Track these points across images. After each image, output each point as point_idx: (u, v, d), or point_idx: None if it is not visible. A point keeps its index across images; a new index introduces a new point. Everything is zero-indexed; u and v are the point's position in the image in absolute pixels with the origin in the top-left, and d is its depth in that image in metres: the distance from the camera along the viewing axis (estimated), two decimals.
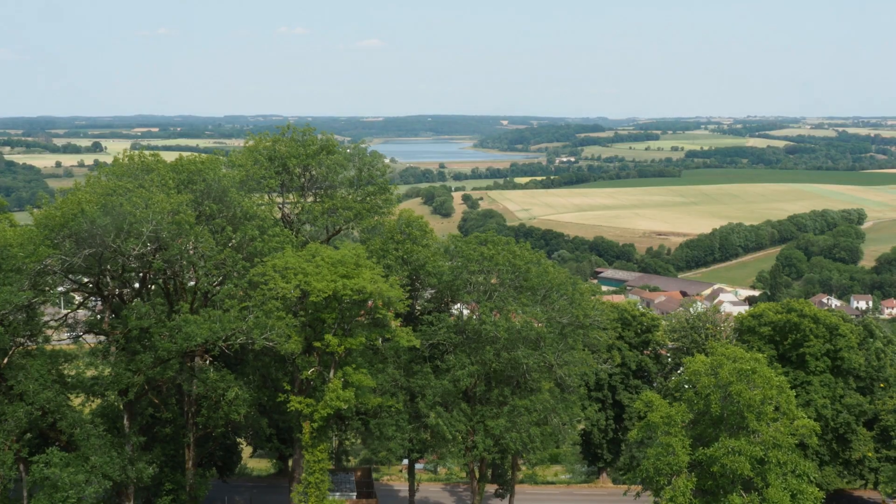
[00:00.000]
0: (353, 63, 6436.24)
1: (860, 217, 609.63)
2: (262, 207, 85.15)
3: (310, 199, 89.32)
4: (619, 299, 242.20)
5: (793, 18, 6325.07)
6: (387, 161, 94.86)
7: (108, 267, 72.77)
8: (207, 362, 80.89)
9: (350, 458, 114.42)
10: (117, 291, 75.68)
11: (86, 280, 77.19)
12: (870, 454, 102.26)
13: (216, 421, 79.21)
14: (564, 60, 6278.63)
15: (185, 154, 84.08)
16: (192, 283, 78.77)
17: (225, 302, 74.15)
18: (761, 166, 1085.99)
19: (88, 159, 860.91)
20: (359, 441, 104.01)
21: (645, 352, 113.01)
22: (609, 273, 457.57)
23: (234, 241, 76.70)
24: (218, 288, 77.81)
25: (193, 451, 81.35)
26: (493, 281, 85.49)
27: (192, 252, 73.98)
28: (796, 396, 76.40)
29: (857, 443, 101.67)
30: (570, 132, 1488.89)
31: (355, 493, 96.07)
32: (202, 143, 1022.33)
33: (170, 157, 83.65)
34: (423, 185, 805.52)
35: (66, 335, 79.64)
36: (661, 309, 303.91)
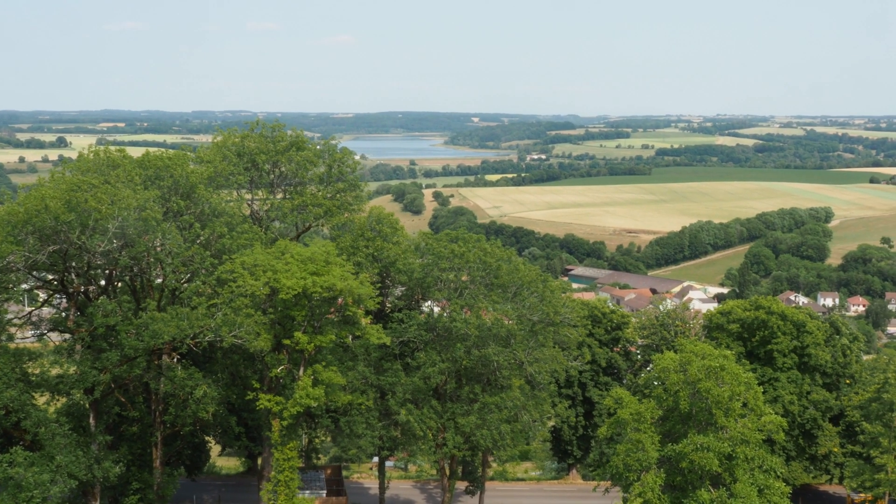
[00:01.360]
0: (324, 59, 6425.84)
1: (827, 215, 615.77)
2: (231, 204, 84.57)
3: (279, 195, 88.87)
4: (589, 297, 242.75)
5: (762, 18, 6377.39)
6: (357, 158, 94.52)
7: (73, 264, 71.98)
8: (175, 360, 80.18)
9: (320, 456, 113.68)
10: (82, 289, 74.80)
11: (50, 277, 76.32)
12: (835, 449, 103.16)
13: (184, 419, 78.55)
14: (535, 58, 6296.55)
15: (151, 150, 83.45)
16: (160, 280, 78.08)
17: (193, 299, 73.57)
18: (731, 164, 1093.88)
19: (53, 154, 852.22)
20: (329, 439, 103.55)
21: (615, 349, 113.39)
22: (579, 270, 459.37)
23: (202, 237, 76.11)
24: (185, 285, 77.19)
25: (161, 449, 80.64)
26: (463, 278, 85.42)
27: (159, 249, 73.31)
28: (764, 393, 76.99)
29: (823, 438, 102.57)
30: (541, 130, 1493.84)
31: (325, 492, 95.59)
32: (169, 138, 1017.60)
33: (136, 152, 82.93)
34: (394, 183, 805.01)
35: (30, 333, 78.67)
36: (630, 306, 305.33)
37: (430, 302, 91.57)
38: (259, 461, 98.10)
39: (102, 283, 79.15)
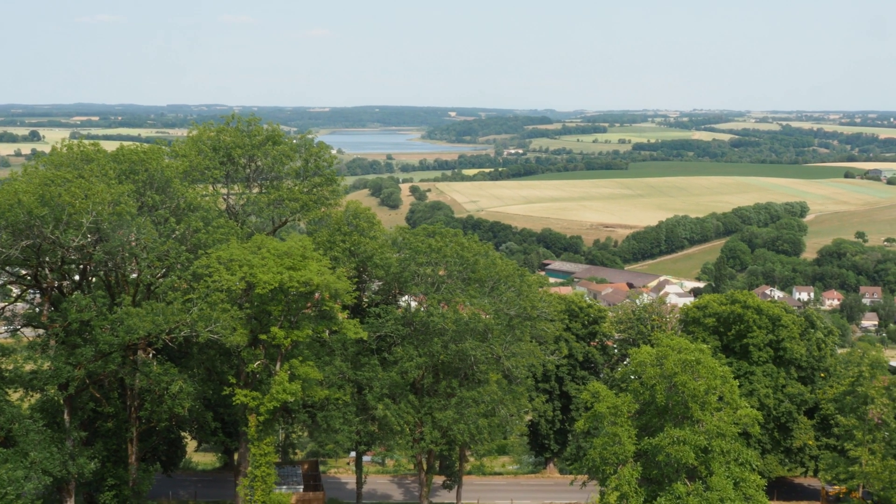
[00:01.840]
0: (300, 53, 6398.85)
1: (803, 210, 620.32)
2: (207, 198, 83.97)
3: (255, 190, 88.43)
4: (566, 291, 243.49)
5: (737, 14, 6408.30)
6: (333, 152, 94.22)
7: (47, 259, 71.37)
8: (150, 355, 79.67)
9: (297, 451, 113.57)
10: (56, 284, 74.18)
11: (23, 272, 75.71)
12: (810, 442, 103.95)
13: (160, 415, 78.13)
14: (513, 52, 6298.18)
15: (126, 143, 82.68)
16: (134, 275, 77.53)
17: (168, 294, 73.13)
18: (707, 159, 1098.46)
19: (25, 148, 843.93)
20: (305, 434, 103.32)
21: (592, 343, 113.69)
22: (556, 265, 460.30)
23: (177, 232, 75.62)
24: (161, 280, 76.66)
25: (136, 445, 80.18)
26: (440, 273, 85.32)
27: (133, 244, 72.76)
28: (739, 386, 77.32)
29: (798, 431, 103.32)
30: (519, 124, 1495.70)
31: (302, 487, 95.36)
32: (144, 132, 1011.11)
33: (110, 146, 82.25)
34: (371, 177, 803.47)
35: (3, 328, 77.93)
36: (607, 300, 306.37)
37: (407, 296, 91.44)
38: (235, 456, 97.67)
39: (76, 278, 78.56)
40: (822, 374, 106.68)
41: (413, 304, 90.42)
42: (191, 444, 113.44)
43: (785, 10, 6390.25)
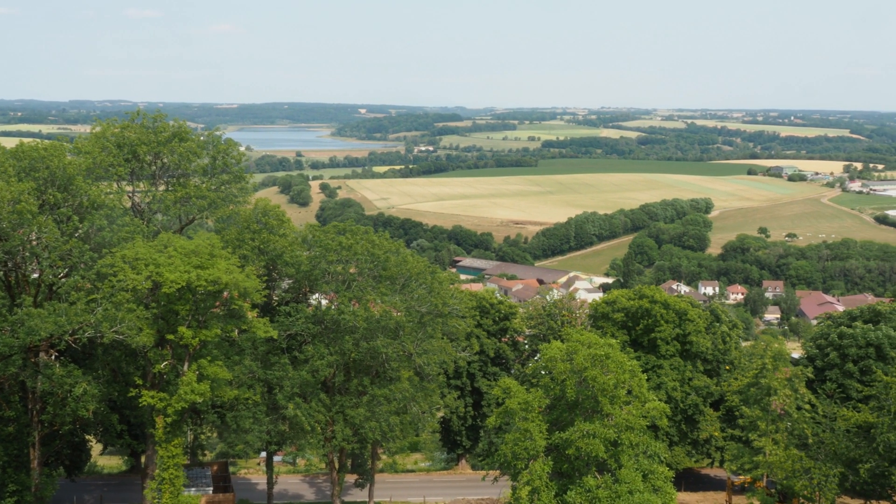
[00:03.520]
0: (207, 48, 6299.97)
1: (708, 206, 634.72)
2: (111, 196, 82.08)
3: (161, 187, 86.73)
4: (477, 287, 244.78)
5: (641, 10, 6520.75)
6: (242, 149, 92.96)
7: None
8: (53, 357, 77.72)
9: (206, 452, 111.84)
10: None
11: None
12: (716, 434, 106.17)
13: (63, 418, 76.24)
14: (422, 48, 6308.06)
15: (26, 140, 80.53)
16: (36, 274, 75.48)
17: (71, 294, 71.42)
18: (615, 156, 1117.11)
19: None
20: (215, 435, 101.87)
21: (503, 339, 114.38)
22: (467, 262, 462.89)
23: (80, 231, 73.92)
24: (63, 280, 74.77)
25: (39, 450, 78.13)
26: (351, 270, 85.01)
27: (34, 243, 70.90)
28: (648, 380, 78.69)
29: (705, 423, 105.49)
30: (429, 121, 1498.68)
31: (211, 488, 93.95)
32: (45, 128, 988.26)
33: (10, 143, 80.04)
34: (280, 174, 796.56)
35: None
36: (518, 297, 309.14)
37: (317, 294, 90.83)
38: (143, 459, 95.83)
39: None
40: (727, 367, 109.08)
41: (324, 302, 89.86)
42: (96, 448, 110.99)
43: (687, 9, 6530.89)
